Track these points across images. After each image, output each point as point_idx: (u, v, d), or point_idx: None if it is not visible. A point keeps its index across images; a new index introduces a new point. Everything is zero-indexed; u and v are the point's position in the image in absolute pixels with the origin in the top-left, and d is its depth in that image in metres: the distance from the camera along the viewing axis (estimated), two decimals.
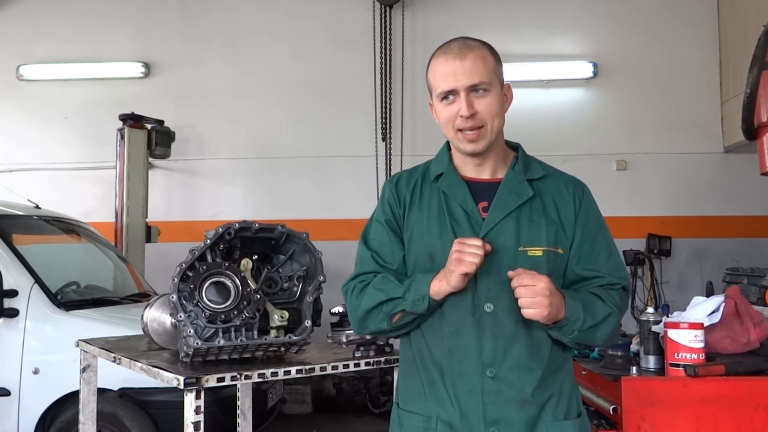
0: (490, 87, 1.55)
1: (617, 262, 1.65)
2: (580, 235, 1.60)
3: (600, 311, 1.53)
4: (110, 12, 6.97)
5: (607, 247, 1.63)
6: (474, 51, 1.56)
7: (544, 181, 1.63)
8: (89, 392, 2.37)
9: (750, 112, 2.79)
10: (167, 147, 5.98)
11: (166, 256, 5.38)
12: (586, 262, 1.60)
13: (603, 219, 1.66)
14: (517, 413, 1.51)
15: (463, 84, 1.53)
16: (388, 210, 1.67)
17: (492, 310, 1.53)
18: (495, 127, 1.57)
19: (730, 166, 6.59)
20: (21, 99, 6.98)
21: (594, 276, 1.60)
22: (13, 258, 3.84)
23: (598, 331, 1.53)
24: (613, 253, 1.64)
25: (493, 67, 1.57)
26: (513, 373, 1.51)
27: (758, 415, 2.28)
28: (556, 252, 1.57)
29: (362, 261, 1.66)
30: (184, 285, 1.77)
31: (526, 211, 1.58)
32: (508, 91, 1.63)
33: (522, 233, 1.55)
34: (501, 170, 1.64)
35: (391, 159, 6.70)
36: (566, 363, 1.62)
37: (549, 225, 1.58)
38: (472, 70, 1.53)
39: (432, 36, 6.73)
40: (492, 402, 1.51)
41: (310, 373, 1.86)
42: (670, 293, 6.36)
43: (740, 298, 2.61)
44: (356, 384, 5.88)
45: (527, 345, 1.53)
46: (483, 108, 1.55)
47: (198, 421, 1.63)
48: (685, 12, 6.70)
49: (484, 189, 1.62)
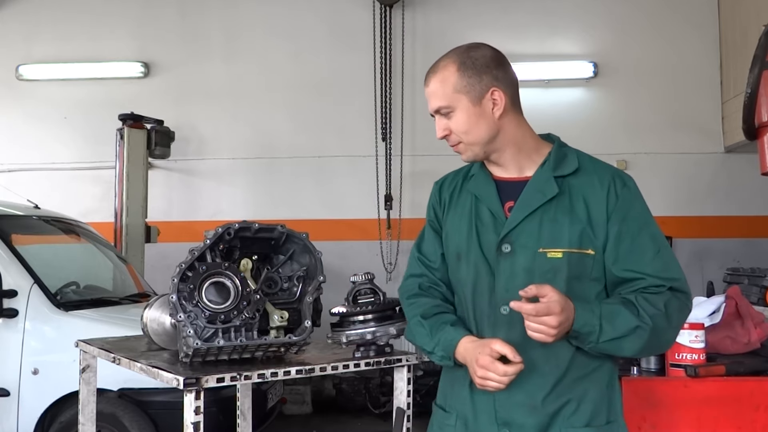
0: (452, 106, 1.56)
1: (667, 261, 1.52)
2: (616, 233, 1.51)
3: (625, 323, 1.43)
4: (110, 11, 6.97)
5: (654, 246, 1.51)
6: (436, 74, 1.58)
7: (577, 176, 1.56)
8: (89, 392, 2.36)
9: (750, 112, 2.78)
10: (167, 147, 5.98)
11: (165, 256, 5.37)
12: (625, 263, 1.50)
13: (649, 215, 1.56)
14: (527, 418, 1.51)
15: (431, 108, 1.61)
16: (431, 212, 1.74)
17: (508, 312, 1.51)
18: (473, 139, 1.57)
19: (731, 166, 6.59)
20: (20, 99, 6.97)
21: (634, 278, 1.50)
22: (13, 258, 3.84)
23: (624, 343, 1.45)
24: (662, 252, 1.52)
25: (454, 85, 1.54)
26: (524, 377, 1.47)
27: (759, 415, 2.27)
28: (582, 253, 1.50)
29: (410, 262, 1.76)
30: (184, 285, 1.77)
31: (550, 210, 1.52)
32: (494, 94, 1.54)
33: (543, 234, 1.51)
34: (530, 168, 1.60)
35: (391, 159, 6.70)
36: (597, 370, 1.55)
37: (573, 224, 1.51)
38: (432, 95, 1.59)
39: (432, 36, 6.73)
40: (502, 404, 1.52)
41: (310, 373, 1.85)
42: None
43: (741, 299, 2.60)
44: (356, 384, 5.87)
45: (541, 349, 1.49)
46: (453, 126, 1.58)
47: (198, 422, 1.62)
48: (685, 12, 6.70)
49: (512, 188, 1.59)
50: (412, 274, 1.73)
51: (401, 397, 1.96)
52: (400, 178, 6.67)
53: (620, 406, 1.61)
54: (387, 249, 6.66)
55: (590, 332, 1.43)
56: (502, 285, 1.53)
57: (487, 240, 1.56)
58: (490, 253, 1.55)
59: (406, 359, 1.96)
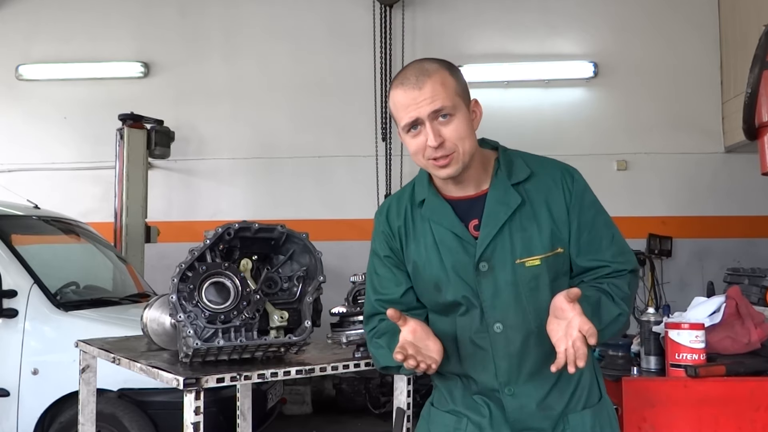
0: (454, 110, 1.46)
1: (621, 245, 1.58)
2: (577, 226, 1.54)
3: (608, 312, 1.49)
4: (109, 11, 6.97)
5: (608, 232, 1.57)
6: (432, 77, 1.46)
7: (531, 180, 1.56)
8: (88, 393, 2.36)
9: (751, 112, 2.78)
10: (167, 147, 5.97)
11: (165, 256, 5.37)
12: (588, 252, 1.55)
13: (599, 203, 1.60)
14: (542, 420, 1.54)
15: (426, 111, 1.45)
16: (384, 246, 1.63)
17: (501, 329, 1.53)
18: (466, 149, 1.48)
19: (731, 166, 6.58)
20: (20, 99, 6.97)
21: (598, 266, 1.55)
22: (13, 258, 3.84)
23: (606, 331, 1.50)
24: (616, 237, 1.58)
25: (455, 89, 1.48)
26: (529, 385, 1.53)
27: (759, 415, 2.27)
28: (556, 254, 1.53)
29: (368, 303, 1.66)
30: (184, 285, 1.76)
31: (517, 221, 1.52)
32: (476, 106, 1.54)
33: (516, 245, 1.51)
34: (485, 181, 1.57)
35: (391, 159, 6.69)
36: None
37: (542, 229, 1.52)
38: (432, 97, 1.45)
39: (432, 35, 6.73)
40: (515, 414, 1.54)
41: (310, 373, 1.85)
42: (670, 294, 6.36)
43: (741, 299, 2.60)
44: (356, 385, 5.87)
45: (540, 355, 1.52)
46: (450, 134, 1.46)
47: (197, 422, 1.62)
48: (686, 11, 6.70)
49: (471, 206, 1.56)
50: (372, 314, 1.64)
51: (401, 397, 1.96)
52: (400, 178, 6.66)
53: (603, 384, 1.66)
54: None
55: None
56: (488, 303, 1.52)
57: (462, 263, 1.53)
58: (468, 276, 1.53)
59: None
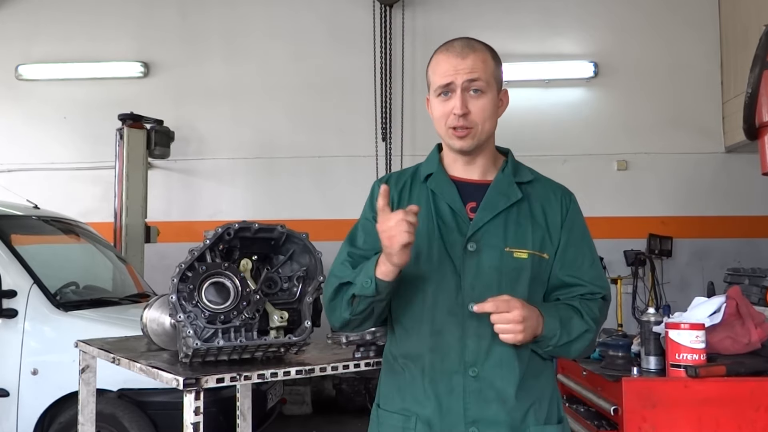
0: (487, 89, 1.56)
1: (599, 271, 1.68)
2: (565, 242, 1.62)
3: (576, 328, 1.55)
4: (109, 11, 6.97)
5: (591, 256, 1.66)
6: (476, 52, 1.57)
7: (533, 185, 1.65)
8: (88, 393, 2.36)
9: (751, 112, 2.78)
10: (166, 147, 5.97)
11: (165, 256, 5.38)
12: (570, 269, 1.62)
13: (587, 229, 1.69)
14: (498, 413, 1.51)
15: (461, 79, 1.54)
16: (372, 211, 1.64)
17: None
18: (486, 129, 1.58)
19: (732, 166, 6.59)
20: (20, 99, 6.97)
21: (576, 284, 1.62)
22: (12, 258, 3.83)
23: (573, 345, 1.56)
24: (596, 262, 1.67)
25: (493, 71, 1.58)
26: (495, 372, 1.52)
27: (760, 416, 2.27)
28: (541, 256, 1.58)
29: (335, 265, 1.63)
30: (184, 285, 1.76)
31: (513, 214, 1.59)
32: (505, 96, 1.63)
33: (509, 234, 1.56)
34: (491, 173, 1.65)
35: (391, 159, 6.69)
36: (547, 368, 1.63)
37: (536, 229, 1.59)
38: (471, 68, 1.55)
39: (432, 35, 6.73)
40: (473, 401, 1.51)
41: (310, 373, 1.85)
42: (671, 294, 6.36)
43: (741, 299, 2.60)
44: (356, 385, 5.87)
45: (509, 347, 1.52)
46: (476, 109, 1.55)
47: (197, 422, 1.62)
48: (686, 11, 6.70)
49: (473, 190, 1.62)
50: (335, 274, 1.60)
51: None
52: None
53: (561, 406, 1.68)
54: None
55: (551, 336, 1.53)
56: (468, 283, 1.54)
57: (451, 239, 1.57)
58: (454, 252, 1.56)
59: None
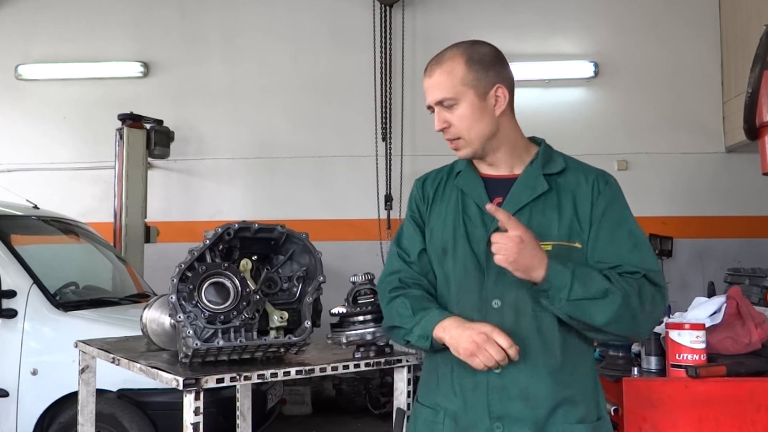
0: (457, 98, 1.56)
1: (645, 255, 1.55)
2: (596, 228, 1.55)
3: (596, 285, 1.45)
4: (109, 11, 6.97)
5: (630, 240, 1.55)
6: (442, 65, 1.58)
7: (564, 174, 1.61)
8: (88, 393, 2.36)
9: (752, 112, 2.78)
10: (166, 147, 5.97)
11: (165, 256, 5.36)
12: (602, 255, 1.53)
13: (629, 212, 1.60)
14: (522, 411, 1.50)
15: (430, 100, 1.60)
16: (413, 207, 1.73)
17: (499, 306, 1.54)
18: (474, 135, 1.58)
19: (732, 166, 6.59)
20: (19, 99, 6.97)
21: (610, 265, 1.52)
22: (12, 258, 3.83)
23: (596, 307, 1.44)
24: (639, 247, 1.55)
25: (462, 78, 1.55)
26: (519, 370, 1.50)
27: (760, 416, 2.26)
28: (570, 246, 1.54)
29: (389, 259, 1.73)
30: (183, 285, 1.76)
31: (539, 206, 1.57)
32: (499, 91, 1.58)
33: (532, 227, 1.51)
34: (518, 166, 1.64)
35: (391, 159, 6.69)
36: (584, 364, 1.58)
37: (562, 219, 1.55)
38: (436, 86, 1.57)
39: (432, 35, 6.73)
40: (497, 398, 1.52)
41: (310, 374, 1.84)
42: (671, 294, 6.26)
43: (742, 299, 2.60)
44: (356, 385, 5.87)
45: (535, 343, 1.51)
46: (455, 120, 1.58)
47: (197, 423, 1.61)
48: (686, 11, 6.70)
49: (500, 185, 1.62)
50: (392, 271, 1.69)
51: (401, 397, 1.95)
52: (400, 178, 6.66)
53: (605, 404, 1.63)
54: (387, 249, 6.65)
55: (562, 286, 1.44)
56: (492, 279, 1.55)
57: (476, 235, 1.58)
58: (479, 249, 1.57)
59: (406, 360, 1.95)
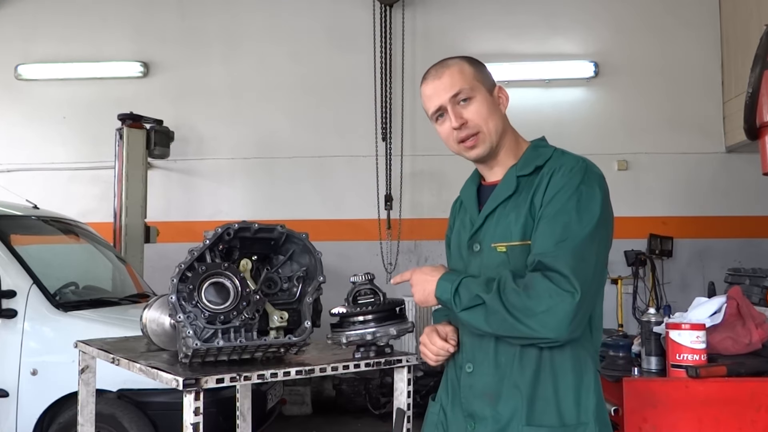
0: (473, 92, 1.58)
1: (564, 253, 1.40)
2: (539, 219, 1.48)
3: (471, 292, 1.48)
4: (109, 11, 6.97)
5: (561, 234, 1.42)
6: (450, 67, 1.61)
7: (539, 171, 1.55)
8: (88, 393, 2.35)
9: (752, 112, 2.78)
10: (166, 147, 5.97)
11: (164, 256, 5.36)
12: (534, 248, 1.46)
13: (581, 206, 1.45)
14: (485, 409, 1.55)
15: (446, 98, 1.59)
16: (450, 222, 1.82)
17: None
18: (491, 128, 1.59)
19: (732, 166, 6.58)
20: (19, 99, 6.97)
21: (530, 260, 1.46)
22: (12, 258, 3.83)
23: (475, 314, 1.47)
24: (565, 243, 1.41)
25: (473, 75, 1.60)
26: (485, 369, 1.56)
27: (760, 416, 2.27)
28: (524, 245, 1.50)
29: None
30: (183, 286, 1.75)
31: (506, 209, 1.58)
32: (501, 92, 1.65)
33: (497, 230, 1.57)
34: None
35: (391, 159, 6.69)
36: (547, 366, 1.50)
37: (518, 218, 1.52)
38: (450, 83, 1.59)
39: (432, 36, 6.73)
40: (466, 395, 1.60)
41: (310, 374, 1.84)
42: (671, 294, 6.36)
43: (742, 299, 2.60)
44: (356, 385, 5.86)
45: (498, 342, 1.54)
46: (472, 115, 1.58)
47: (197, 423, 1.61)
48: (686, 11, 6.70)
49: (490, 192, 1.65)
50: None
51: (401, 398, 1.95)
52: (400, 178, 6.66)
53: (594, 407, 1.51)
54: (387, 249, 6.66)
55: (447, 300, 1.53)
56: None
57: (464, 242, 1.66)
58: (465, 254, 1.66)
59: (406, 360, 1.95)
